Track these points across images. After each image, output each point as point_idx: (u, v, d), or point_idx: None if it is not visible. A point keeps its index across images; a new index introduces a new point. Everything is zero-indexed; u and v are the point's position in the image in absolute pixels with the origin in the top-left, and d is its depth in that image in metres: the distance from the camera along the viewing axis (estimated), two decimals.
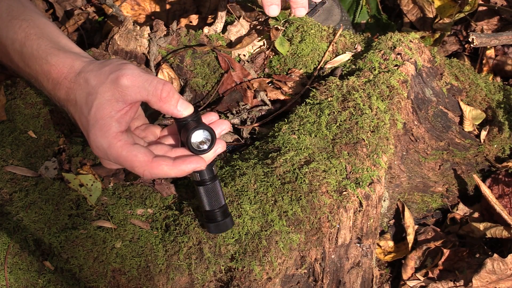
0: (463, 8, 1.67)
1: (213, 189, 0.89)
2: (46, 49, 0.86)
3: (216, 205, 0.90)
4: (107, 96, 0.79)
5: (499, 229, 1.18)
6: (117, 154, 0.79)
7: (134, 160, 0.79)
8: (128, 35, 1.24)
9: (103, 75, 0.81)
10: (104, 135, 0.79)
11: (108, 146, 0.79)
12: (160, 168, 0.79)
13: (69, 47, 0.88)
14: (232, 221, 0.92)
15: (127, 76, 0.80)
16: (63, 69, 0.84)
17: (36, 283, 0.90)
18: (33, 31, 0.87)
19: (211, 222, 0.90)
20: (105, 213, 0.96)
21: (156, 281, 0.92)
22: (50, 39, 0.87)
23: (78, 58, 0.85)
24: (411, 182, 1.26)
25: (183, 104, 0.83)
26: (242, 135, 1.17)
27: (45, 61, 0.85)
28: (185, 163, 0.81)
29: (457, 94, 1.26)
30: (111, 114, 0.79)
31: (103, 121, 0.79)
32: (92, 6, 1.82)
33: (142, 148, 0.80)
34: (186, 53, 1.24)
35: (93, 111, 0.79)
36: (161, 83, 0.81)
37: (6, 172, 0.99)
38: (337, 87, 1.11)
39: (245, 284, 0.91)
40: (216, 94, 1.25)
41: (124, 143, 0.79)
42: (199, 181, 0.88)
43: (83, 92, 0.81)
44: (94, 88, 0.80)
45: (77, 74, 0.83)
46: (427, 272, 1.21)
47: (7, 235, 0.92)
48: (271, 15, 0.96)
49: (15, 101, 1.09)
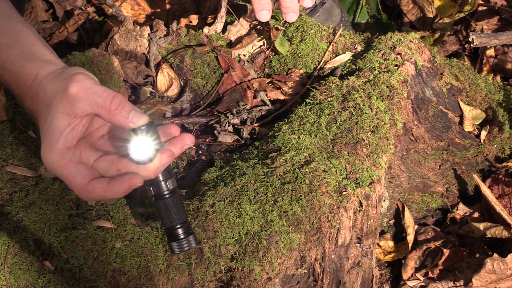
0: (463, 8, 1.67)
1: (173, 203, 0.84)
2: (15, 60, 0.85)
3: (177, 221, 0.85)
4: (60, 109, 0.78)
5: (499, 229, 1.18)
6: (60, 173, 0.78)
7: (72, 182, 0.78)
8: (128, 35, 1.24)
9: (56, 85, 0.80)
10: (51, 151, 0.78)
11: (52, 163, 0.78)
12: (94, 192, 0.78)
13: (40, 55, 0.86)
14: (195, 239, 0.86)
15: (76, 88, 0.78)
16: (28, 80, 0.83)
17: (36, 283, 0.90)
18: (5, 40, 0.86)
19: (173, 240, 0.85)
20: (105, 213, 0.96)
21: (156, 281, 0.92)
22: (21, 47, 0.86)
23: (45, 66, 0.83)
24: (411, 182, 1.26)
25: (136, 115, 0.79)
26: (242, 135, 1.17)
27: (13, 72, 0.84)
28: (118, 183, 0.78)
29: (457, 94, 1.26)
30: (60, 129, 0.78)
31: (52, 136, 0.78)
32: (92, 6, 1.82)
33: (82, 169, 0.79)
34: (186, 53, 1.24)
35: (47, 125, 0.79)
36: (111, 95, 0.78)
37: (6, 172, 0.99)
38: (337, 87, 1.11)
39: (245, 284, 0.91)
40: (216, 94, 1.25)
41: (67, 162, 0.78)
42: (155, 194, 0.84)
43: (42, 104, 0.81)
44: (50, 100, 0.80)
45: (38, 83, 0.82)
46: (427, 272, 1.21)
47: (7, 235, 0.92)
48: (262, 20, 0.96)
49: (15, 101, 1.09)
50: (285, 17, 1.00)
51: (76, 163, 0.79)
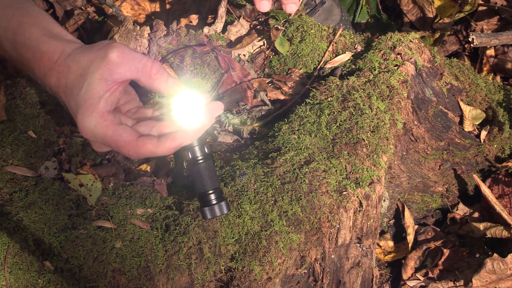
0: (463, 8, 1.67)
1: (207, 168, 0.86)
2: (38, 36, 0.86)
3: (210, 186, 0.86)
4: (97, 75, 0.80)
5: (499, 229, 1.18)
6: (103, 134, 0.80)
7: (119, 140, 0.79)
8: (128, 35, 1.24)
9: (93, 54, 0.81)
10: (91, 115, 0.79)
11: (94, 125, 0.79)
12: (145, 147, 0.79)
13: (62, 35, 0.88)
14: (228, 206, 0.87)
15: (117, 53, 0.80)
16: (54, 56, 0.84)
17: (36, 283, 0.90)
18: (26, 20, 0.87)
19: (205, 205, 0.86)
20: (105, 213, 0.96)
21: (156, 281, 0.92)
22: (42, 27, 0.87)
23: (70, 44, 0.85)
24: (411, 182, 1.26)
25: (174, 82, 0.83)
26: (242, 135, 1.17)
27: (36, 49, 0.85)
28: (170, 140, 0.80)
29: (457, 94, 1.26)
30: (100, 93, 0.79)
31: (91, 101, 0.79)
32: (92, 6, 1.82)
33: (127, 128, 0.81)
34: (186, 53, 1.24)
35: (83, 92, 0.80)
36: (150, 61, 0.82)
37: (6, 172, 0.99)
38: (337, 87, 1.11)
39: (245, 284, 0.91)
40: (216, 94, 1.25)
41: (110, 122, 0.80)
42: (190, 159, 0.85)
43: (74, 74, 0.82)
44: (84, 69, 0.81)
45: (67, 57, 0.83)
46: (427, 272, 1.21)
47: (7, 235, 0.92)
48: (262, 11, 0.97)
49: (15, 101, 1.09)
50: (285, 8, 1.01)
51: (118, 124, 0.80)
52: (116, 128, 0.80)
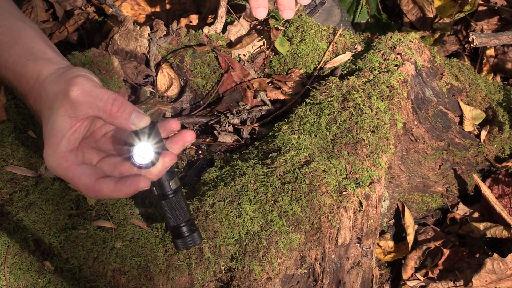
0: (463, 8, 1.67)
1: (177, 202, 0.85)
2: (16, 59, 0.85)
3: (181, 219, 0.86)
4: (61, 112, 0.78)
5: (499, 229, 1.18)
6: (64, 175, 0.79)
7: (78, 183, 0.79)
8: (128, 35, 1.24)
9: (58, 87, 0.80)
10: (53, 155, 0.78)
11: (56, 165, 0.79)
12: (102, 192, 0.78)
13: (41, 53, 0.86)
14: (200, 235, 0.88)
15: (76, 92, 0.78)
16: (30, 80, 0.83)
17: (36, 283, 0.90)
18: (6, 39, 0.86)
19: (178, 238, 0.87)
20: (105, 213, 0.96)
21: (156, 281, 0.92)
22: (22, 46, 0.86)
23: (47, 66, 0.83)
24: (411, 182, 1.26)
25: (138, 117, 0.79)
26: (242, 135, 1.17)
27: (15, 71, 0.84)
28: (126, 185, 0.78)
29: (457, 94, 1.26)
30: (63, 131, 0.78)
31: (54, 139, 0.78)
32: (92, 6, 1.82)
33: (87, 169, 0.79)
34: (186, 53, 1.24)
35: (49, 128, 0.79)
36: (111, 98, 0.78)
37: (6, 172, 0.99)
38: (337, 87, 1.11)
39: (245, 284, 0.91)
40: (216, 94, 1.25)
41: (70, 163, 0.79)
42: (159, 194, 0.85)
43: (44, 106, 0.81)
44: (51, 102, 0.80)
45: (41, 84, 0.82)
46: (427, 272, 1.21)
47: (7, 235, 0.92)
48: (259, 17, 0.97)
49: (15, 101, 1.09)
50: (281, 14, 1.01)
51: (79, 164, 0.79)
52: (76, 171, 0.79)
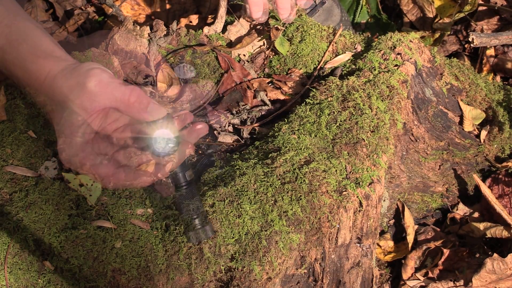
0: (463, 8, 1.67)
1: (190, 194, 0.87)
2: (26, 55, 0.85)
3: (194, 212, 0.87)
4: (77, 104, 0.79)
5: (499, 229, 1.18)
6: (80, 165, 0.80)
7: (96, 172, 0.79)
8: (128, 35, 1.24)
9: (73, 80, 0.80)
10: (69, 146, 0.79)
11: (72, 157, 0.80)
12: (121, 180, 0.80)
13: (50, 51, 0.87)
14: (212, 229, 0.89)
15: (94, 82, 0.79)
16: (40, 76, 0.84)
17: (36, 283, 0.90)
18: (15, 37, 0.87)
19: (190, 230, 0.88)
20: (105, 213, 0.96)
21: (156, 281, 0.92)
22: (31, 44, 0.87)
23: (57, 63, 0.84)
24: (411, 182, 1.26)
25: (154, 109, 0.80)
26: (242, 135, 1.17)
27: (25, 68, 0.85)
28: (147, 173, 0.80)
29: (457, 94, 1.26)
30: (79, 123, 0.79)
31: (70, 131, 0.79)
32: (92, 6, 1.82)
33: (104, 160, 0.80)
34: (186, 53, 1.24)
35: (63, 120, 0.80)
36: (129, 89, 0.80)
37: (6, 172, 0.99)
38: (337, 87, 1.11)
39: (245, 284, 0.91)
40: (216, 94, 1.25)
41: (88, 154, 0.79)
42: (174, 185, 0.86)
43: (57, 100, 0.81)
44: (65, 95, 0.80)
45: (52, 79, 0.82)
46: (427, 272, 1.21)
47: (7, 235, 0.92)
48: (258, 21, 0.97)
49: (15, 101, 1.09)
50: (281, 17, 1.01)
51: (96, 155, 0.80)
52: (94, 161, 0.80)
